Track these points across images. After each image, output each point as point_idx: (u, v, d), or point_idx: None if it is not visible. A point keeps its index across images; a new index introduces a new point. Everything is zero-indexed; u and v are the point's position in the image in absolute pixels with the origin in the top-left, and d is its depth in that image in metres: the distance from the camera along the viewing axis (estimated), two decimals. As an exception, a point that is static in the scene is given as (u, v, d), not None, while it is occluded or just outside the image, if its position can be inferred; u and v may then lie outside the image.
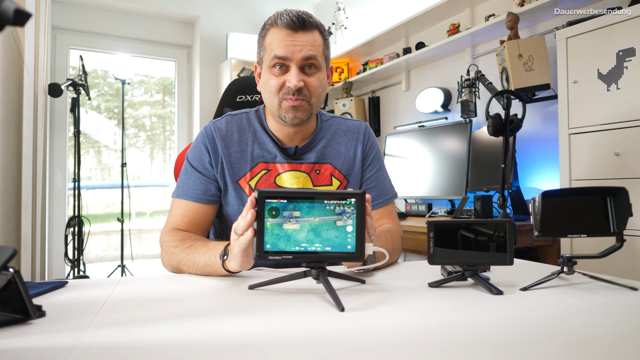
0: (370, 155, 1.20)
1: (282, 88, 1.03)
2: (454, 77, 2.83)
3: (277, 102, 1.04)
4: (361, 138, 1.19)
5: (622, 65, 1.61)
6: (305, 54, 1.01)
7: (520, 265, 1.01)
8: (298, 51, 1.01)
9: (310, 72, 1.04)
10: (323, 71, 1.07)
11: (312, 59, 1.02)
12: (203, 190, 1.08)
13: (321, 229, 0.71)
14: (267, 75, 1.05)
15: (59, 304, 0.69)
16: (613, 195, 0.78)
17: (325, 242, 0.71)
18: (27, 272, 1.71)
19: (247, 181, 1.09)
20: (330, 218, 0.71)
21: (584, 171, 1.73)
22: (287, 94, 1.02)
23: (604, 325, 0.58)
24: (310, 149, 1.14)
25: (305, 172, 1.12)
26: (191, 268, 0.95)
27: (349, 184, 1.16)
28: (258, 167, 1.10)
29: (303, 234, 0.71)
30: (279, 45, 1.01)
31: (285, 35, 1.01)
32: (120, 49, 3.96)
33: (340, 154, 1.16)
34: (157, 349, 0.49)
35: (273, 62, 1.02)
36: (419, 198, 2.76)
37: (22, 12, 0.39)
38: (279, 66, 1.02)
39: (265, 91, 1.07)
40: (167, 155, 4.41)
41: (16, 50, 1.43)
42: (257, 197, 0.69)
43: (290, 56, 1.01)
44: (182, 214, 1.08)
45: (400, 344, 0.51)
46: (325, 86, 1.10)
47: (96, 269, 4.03)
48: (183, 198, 1.09)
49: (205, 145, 1.10)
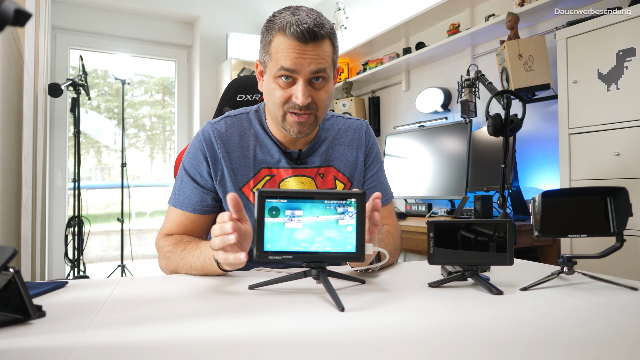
0: (371, 155, 1.19)
1: (287, 101, 0.98)
2: (454, 77, 2.83)
3: (282, 114, 1.00)
4: (363, 138, 1.17)
5: (622, 65, 1.61)
6: (314, 68, 0.95)
7: (520, 265, 1.01)
8: (307, 64, 0.95)
9: (319, 84, 0.99)
10: (331, 81, 1.02)
11: (321, 72, 0.97)
12: (199, 201, 1.06)
13: (323, 228, 0.71)
14: (272, 84, 0.99)
15: (59, 304, 0.69)
16: (613, 195, 0.78)
17: (325, 242, 0.71)
18: (27, 272, 1.71)
19: (251, 188, 1.06)
20: (333, 217, 0.71)
21: (584, 171, 1.73)
22: (293, 108, 0.98)
23: (604, 325, 0.58)
24: (314, 152, 1.11)
25: (310, 177, 1.10)
26: (189, 271, 0.95)
27: (352, 186, 1.15)
28: (261, 174, 1.07)
29: (304, 234, 0.71)
30: (287, 57, 0.94)
31: (293, 47, 0.94)
32: (120, 49, 3.96)
33: (343, 156, 1.14)
34: (157, 349, 0.49)
35: (279, 73, 0.96)
36: (419, 198, 2.76)
37: (22, 12, 0.39)
38: (285, 77, 0.96)
39: (270, 100, 1.02)
40: (167, 155, 4.41)
41: (16, 50, 1.43)
42: (257, 197, 0.70)
43: (298, 69, 0.95)
44: (177, 222, 1.07)
45: (400, 344, 0.51)
46: (332, 95, 1.05)
47: (96, 269, 4.03)
48: (179, 208, 1.07)
49: (204, 152, 1.05)
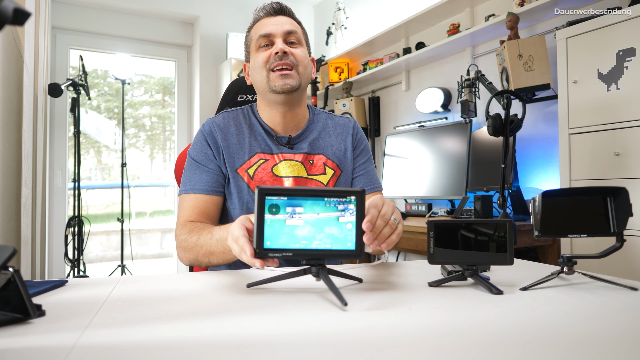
0: (360, 147, 1.26)
1: (269, 60, 1.10)
2: (454, 77, 2.83)
3: (266, 74, 1.11)
4: (350, 131, 1.25)
5: (622, 65, 1.61)
6: (287, 29, 1.12)
7: (520, 265, 1.01)
8: (280, 27, 1.12)
9: (294, 46, 1.13)
10: (305, 47, 1.16)
11: (293, 33, 1.13)
12: (209, 182, 1.12)
13: (324, 225, 0.71)
14: (255, 55, 1.13)
15: (58, 303, 0.69)
16: (613, 195, 0.78)
17: (326, 239, 0.71)
18: (27, 272, 1.71)
19: (246, 170, 1.13)
20: (333, 214, 0.71)
21: (584, 171, 1.73)
22: (274, 61, 1.10)
23: (604, 325, 0.58)
24: (303, 139, 1.19)
25: (299, 162, 1.16)
26: (212, 262, 0.99)
27: (342, 173, 1.20)
28: (256, 157, 1.14)
29: (305, 231, 0.71)
30: (262, 27, 1.13)
31: (266, 19, 1.14)
32: (120, 49, 3.96)
33: (332, 145, 1.21)
34: (157, 349, 0.49)
35: (259, 42, 1.12)
36: (419, 198, 2.76)
37: (22, 11, 0.39)
38: (265, 45, 1.12)
39: (255, 71, 1.14)
40: (167, 155, 4.41)
41: (16, 50, 1.43)
42: (257, 194, 0.69)
43: (273, 31, 1.12)
44: (191, 207, 1.10)
45: (400, 343, 0.51)
46: (310, 63, 1.18)
47: (96, 269, 4.03)
48: (190, 192, 1.11)
49: (206, 139, 1.15)
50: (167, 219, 4.41)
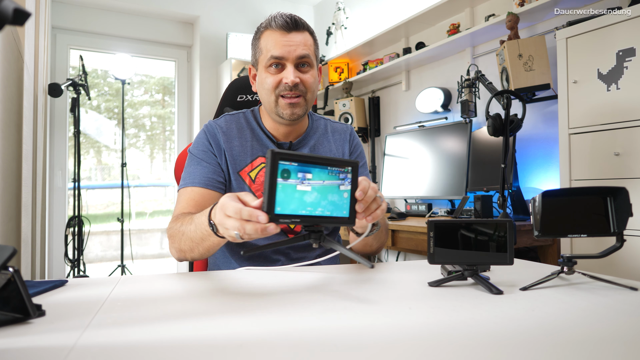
0: (356, 153, 1.30)
1: (278, 85, 1.09)
2: (454, 77, 2.83)
3: (274, 99, 1.10)
4: (347, 138, 1.29)
5: (622, 65, 1.61)
6: (299, 53, 1.08)
7: (520, 265, 1.01)
8: (293, 50, 1.08)
9: (305, 69, 1.11)
10: (315, 69, 1.15)
11: (306, 57, 1.10)
12: (208, 177, 1.12)
13: (328, 192, 0.73)
14: (264, 74, 1.11)
15: (58, 303, 0.69)
16: (613, 195, 0.78)
17: (328, 206, 0.73)
18: (27, 272, 1.71)
19: (248, 172, 1.15)
20: (335, 182, 0.74)
21: (584, 171, 1.73)
22: (284, 90, 1.09)
23: (604, 325, 0.58)
24: (304, 145, 1.22)
25: None
26: (190, 245, 0.95)
27: None
28: (258, 160, 1.17)
29: (312, 197, 0.72)
30: (275, 46, 1.08)
31: (279, 35, 1.08)
32: (120, 49, 3.96)
33: (331, 151, 1.25)
34: (157, 349, 0.49)
35: (270, 62, 1.09)
36: (419, 198, 2.76)
37: (22, 11, 0.39)
38: (275, 65, 1.09)
39: (262, 90, 1.12)
40: (167, 155, 4.41)
41: (16, 50, 1.43)
42: (271, 157, 0.67)
43: (286, 55, 1.08)
44: (187, 199, 1.10)
45: (401, 343, 0.51)
46: (318, 83, 1.17)
47: (96, 269, 4.03)
48: (189, 185, 1.12)
49: (207, 138, 1.16)
50: (167, 219, 4.41)
